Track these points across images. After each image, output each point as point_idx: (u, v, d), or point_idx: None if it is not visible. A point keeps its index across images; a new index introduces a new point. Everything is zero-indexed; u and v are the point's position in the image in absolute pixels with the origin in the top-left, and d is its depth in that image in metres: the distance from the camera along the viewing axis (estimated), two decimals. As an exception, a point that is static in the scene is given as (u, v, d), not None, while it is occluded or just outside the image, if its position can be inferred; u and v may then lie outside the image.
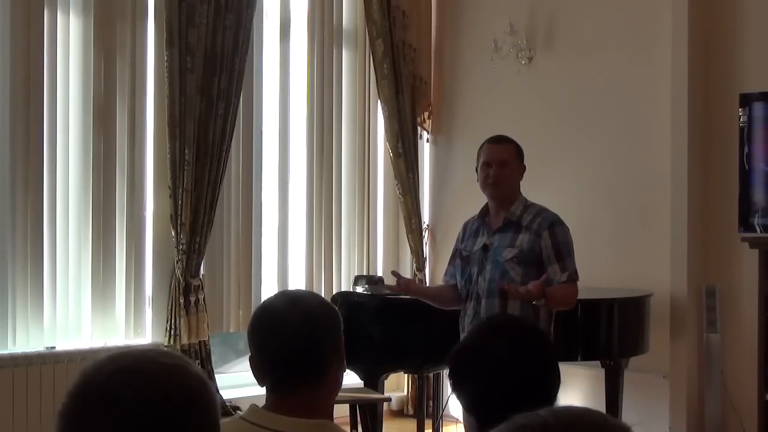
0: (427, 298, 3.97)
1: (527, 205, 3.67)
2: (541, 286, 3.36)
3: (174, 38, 5.28)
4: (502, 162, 3.64)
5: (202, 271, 5.51)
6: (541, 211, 3.66)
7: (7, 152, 4.85)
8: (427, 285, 3.98)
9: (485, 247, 3.63)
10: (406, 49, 6.54)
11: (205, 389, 1.22)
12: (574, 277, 3.59)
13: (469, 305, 3.66)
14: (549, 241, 3.57)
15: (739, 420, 5.21)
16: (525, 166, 3.75)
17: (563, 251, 3.57)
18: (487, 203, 3.76)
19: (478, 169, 3.71)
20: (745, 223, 5.07)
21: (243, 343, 6.38)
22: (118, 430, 1.15)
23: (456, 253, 3.84)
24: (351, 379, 4.94)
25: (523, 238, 3.57)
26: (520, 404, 1.09)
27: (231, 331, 5.93)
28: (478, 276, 3.63)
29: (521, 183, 3.76)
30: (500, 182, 3.63)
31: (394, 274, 3.77)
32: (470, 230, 3.77)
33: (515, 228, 3.60)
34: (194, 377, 1.22)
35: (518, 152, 3.71)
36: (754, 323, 5.07)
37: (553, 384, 1.93)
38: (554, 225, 3.60)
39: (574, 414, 0.99)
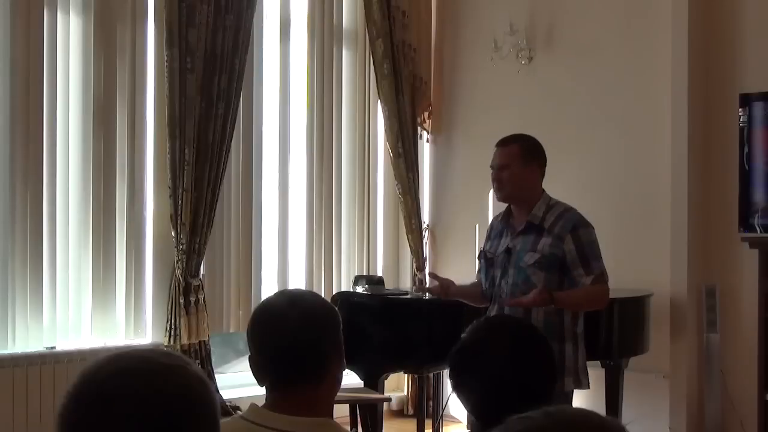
0: (466, 298, 3.81)
1: (550, 205, 3.56)
2: (540, 295, 3.32)
3: (174, 38, 5.28)
4: (501, 165, 3.57)
5: (202, 271, 5.51)
6: (565, 212, 3.54)
7: (7, 152, 4.84)
8: (463, 284, 3.84)
9: (508, 251, 3.53)
10: (406, 49, 6.54)
11: (205, 389, 1.22)
12: (601, 279, 3.49)
13: (493, 308, 3.57)
14: (572, 246, 3.46)
15: (739, 420, 5.21)
16: (537, 164, 3.61)
17: (588, 254, 3.48)
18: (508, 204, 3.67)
19: None
20: (745, 223, 5.08)
21: (243, 343, 6.37)
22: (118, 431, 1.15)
23: (480, 254, 3.76)
24: (351, 379, 4.94)
25: (545, 242, 3.47)
26: (520, 402, 1.09)
27: (231, 331, 5.93)
28: (500, 280, 3.53)
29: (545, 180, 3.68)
30: (501, 186, 3.56)
31: (432, 275, 3.67)
32: (496, 230, 3.68)
33: (537, 231, 3.50)
34: (194, 377, 1.22)
35: (524, 152, 3.59)
36: (754, 323, 5.08)
37: (552, 381, 1.94)
38: (577, 228, 3.50)
39: (569, 416, 0.99)
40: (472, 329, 2.10)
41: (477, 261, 3.83)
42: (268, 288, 5.95)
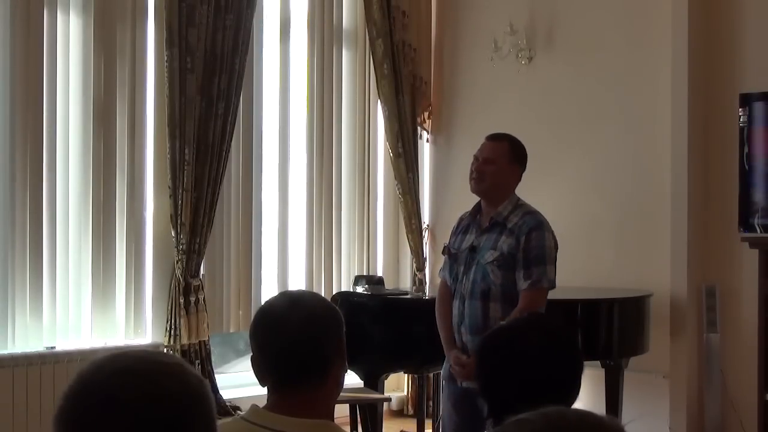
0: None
1: (517, 206, 3.57)
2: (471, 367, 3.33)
3: (174, 38, 5.28)
4: (488, 159, 3.56)
5: (202, 271, 5.51)
6: (527, 213, 3.54)
7: (7, 152, 4.85)
8: (446, 329, 3.69)
9: (473, 248, 3.56)
10: (406, 49, 6.54)
11: (203, 388, 1.22)
12: (538, 286, 3.46)
13: (455, 305, 3.59)
14: (522, 247, 3.46)
15: (739, 420, 5.21)
16: (521, 168, 3.63)
17: (533, 258, 3.46)
18: (480, 200, 3.67)
19: None
20: (745, 223, 5.07)
21: (243, 343, 6.38)
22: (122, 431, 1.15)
23: (444, 249, 3.79)
24: (351, 379, 4.93)
25: (505, 241, 3.48)
26: (536, 401, 1.08)
27: (231, 331, 5.93)
28: (463, 276, 3.56)
29: (520, 184, 3.69)
30: (480, 178, 3.56)
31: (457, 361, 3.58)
32: (462, 226, 3.71)
33: (500, 229, 3.52)
34: (192, 376, 1.22)
35: (512, 152, 3.60)
36: (754, 323, 5.08)
37: (573, 391, 1.93)
38: (532, 230, 3.48)
39: (567, 417, 0.99)
40: (513, 321, 2.12)
41: (442, 257, 3.84)
42: (268, 288, 5.96)
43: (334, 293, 5.71)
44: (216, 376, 5.62)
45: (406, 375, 6.40)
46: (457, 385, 3.54)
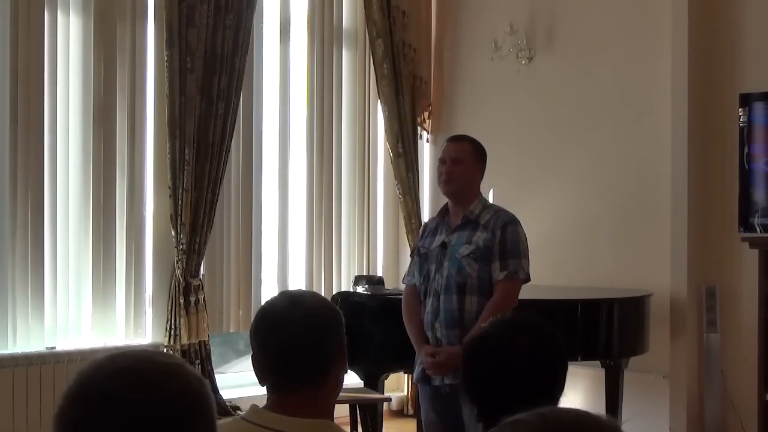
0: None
1: (486, 205, 3.68)
2: (450, 357, 3.42)
3: (174, 38, 5.28)
4: (455, 159, 3.65)
5: (202, 271, 5.51)
6: (498, 210, 3.66)
7: (8, 152, 4.85)
8: (416, 329, 3.74)
9: (444, 245, 3.62)
10: (406, 49, 6.54)
11: (203, 387, 1.22)
12: (514, 277, 3.53)
13: (428, 302, 3.63)
14: (498, 239, 3.55)
15: (739, 420, 5.21)
16: (483, 166, 3.72)
17: (509, 250, 3.55)
18: (447, 202, 3.75)
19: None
20: (745, 223, 5.07)
21: (243, 343, 6.38)
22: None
23: (414, 251, 3.85)
24: (351, 379, 4.94)
25: (480, 236, 3.57)
26: (524, 401, 1.08)
27: (231, 331, 5.93)
28: (436, 273, 3.62)
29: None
30: (451, 179, 3.64)
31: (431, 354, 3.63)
32: (429, 228, 3.77)
33: (473, 226, 3.60)
34: (192, 375, 1.23)
35: (476, 151, 3.69)
36: (754, 323, 5.07)
37: (559, 389, 1.94)
38: (507, 224, 3.58)
39: (564, 418, 0.98)
40: (497, 322, 2.11)
41: (410, 266, 3.85)
42: (268, 288, 5.96)
43: (334, 293, 5.71)
44: (216, 376, 5.62)
45: (406, 375, 6.39)
46: (432, 385, 3.58)
